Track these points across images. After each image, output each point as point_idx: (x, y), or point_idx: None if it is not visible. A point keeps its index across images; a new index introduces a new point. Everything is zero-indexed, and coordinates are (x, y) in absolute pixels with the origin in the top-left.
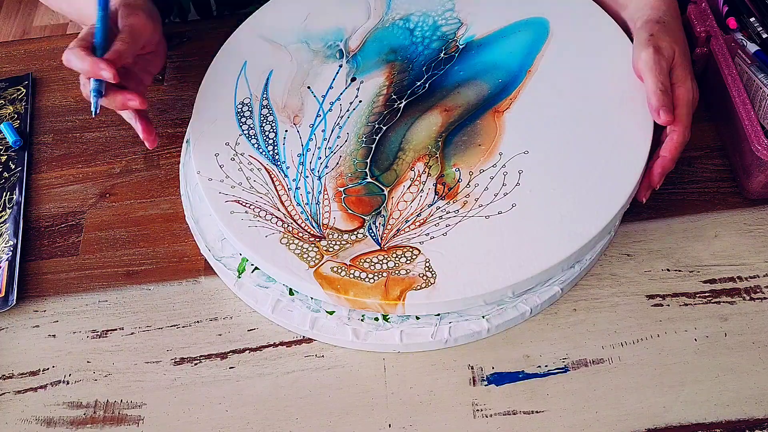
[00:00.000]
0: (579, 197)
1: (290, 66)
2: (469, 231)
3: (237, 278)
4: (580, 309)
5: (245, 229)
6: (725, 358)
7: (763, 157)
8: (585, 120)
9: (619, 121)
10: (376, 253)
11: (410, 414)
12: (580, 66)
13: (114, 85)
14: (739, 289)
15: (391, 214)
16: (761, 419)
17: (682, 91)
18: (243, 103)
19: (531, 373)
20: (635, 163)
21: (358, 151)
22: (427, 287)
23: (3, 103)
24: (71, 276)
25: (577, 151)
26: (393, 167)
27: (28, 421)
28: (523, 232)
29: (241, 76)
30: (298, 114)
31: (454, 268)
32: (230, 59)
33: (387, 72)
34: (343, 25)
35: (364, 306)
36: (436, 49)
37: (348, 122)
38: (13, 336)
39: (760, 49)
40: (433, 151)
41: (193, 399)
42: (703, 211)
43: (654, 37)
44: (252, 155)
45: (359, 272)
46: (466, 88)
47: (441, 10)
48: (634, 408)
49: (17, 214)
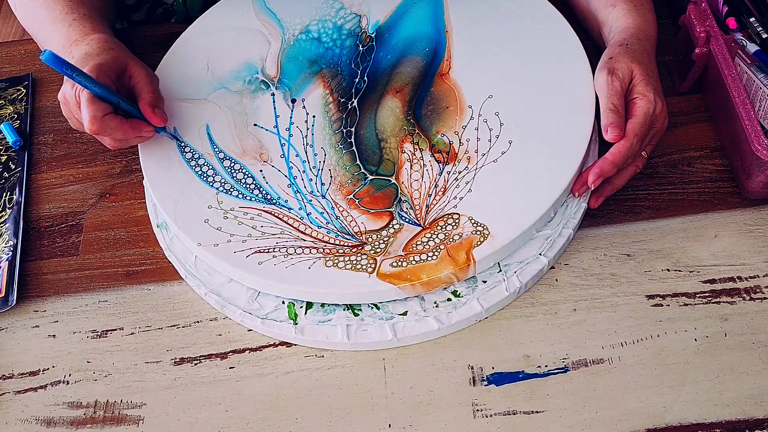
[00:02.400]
0: (558, 115)
1: (223, 114)
2: (488, 178)
3: (294, 326)
4: (580, 309)
5: (285, 272)
6: (725, 358)
7: (763, 157)
8: (522, 57)
9: (555, 54)
10: (422, 233)
11: (410, 414)
12: (488, 9)
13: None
14: (739, 289)
15: (411, 195)
16: (761, 419)
17: (642, 103)
18: (199, 165)
19: (531, 373)
20: (586, 75)
21: (343, 158)
22: (486, 239)
23: (3, 103)
24: (71, 276)
25: (530, 83)
26: (385, 157)
27: (28, 421)
28: (532, 159)
29: (180, 143)
30: (262, 152)
31: (497, 214)
32: (160, 133)
33: (321, 82)
34: (251, 59)
35: (439, 282)
36: (351, 45)
37: (315, 139)
38: (13, 336)
39: (760, 49)
40: (411, 129)
41: (193, 399)
42: (703, 211)
43: (612, 60)
44: (243, 206)
45: (417, 256)
46: (402, 66)
47: (334, 12)
48: (634, 408)
49: (17, 214)
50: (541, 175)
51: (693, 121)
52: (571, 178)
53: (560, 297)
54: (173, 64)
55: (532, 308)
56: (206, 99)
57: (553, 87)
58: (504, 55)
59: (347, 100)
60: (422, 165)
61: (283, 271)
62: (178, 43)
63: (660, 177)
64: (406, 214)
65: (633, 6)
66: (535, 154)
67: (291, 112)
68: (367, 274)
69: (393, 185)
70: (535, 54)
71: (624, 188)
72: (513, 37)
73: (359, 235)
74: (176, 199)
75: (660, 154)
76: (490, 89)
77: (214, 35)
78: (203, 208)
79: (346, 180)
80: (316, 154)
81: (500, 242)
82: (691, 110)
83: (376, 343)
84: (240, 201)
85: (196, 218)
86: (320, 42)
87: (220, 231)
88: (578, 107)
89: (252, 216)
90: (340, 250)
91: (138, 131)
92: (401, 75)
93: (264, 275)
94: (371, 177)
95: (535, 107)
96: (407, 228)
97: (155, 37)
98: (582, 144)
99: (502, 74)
